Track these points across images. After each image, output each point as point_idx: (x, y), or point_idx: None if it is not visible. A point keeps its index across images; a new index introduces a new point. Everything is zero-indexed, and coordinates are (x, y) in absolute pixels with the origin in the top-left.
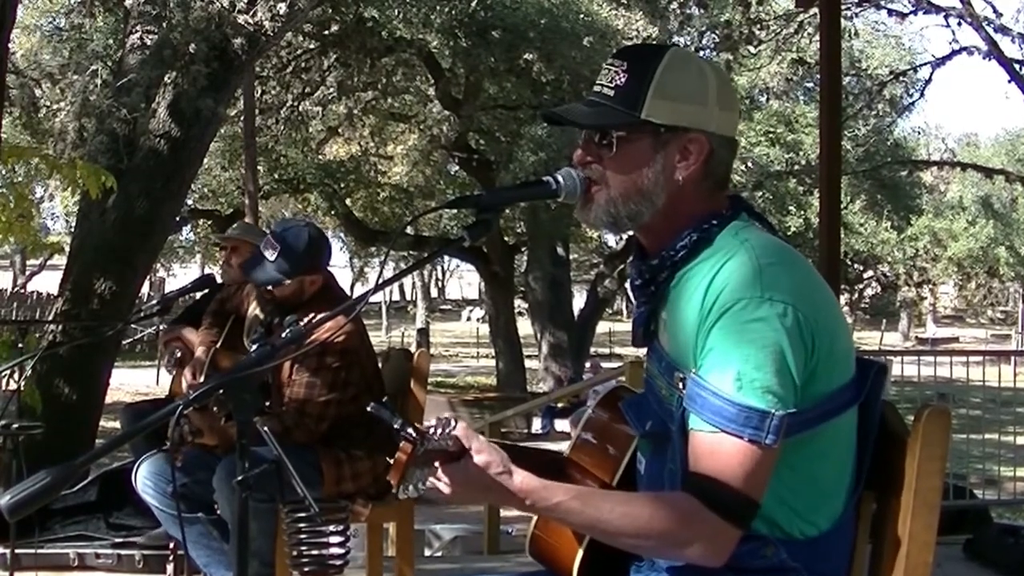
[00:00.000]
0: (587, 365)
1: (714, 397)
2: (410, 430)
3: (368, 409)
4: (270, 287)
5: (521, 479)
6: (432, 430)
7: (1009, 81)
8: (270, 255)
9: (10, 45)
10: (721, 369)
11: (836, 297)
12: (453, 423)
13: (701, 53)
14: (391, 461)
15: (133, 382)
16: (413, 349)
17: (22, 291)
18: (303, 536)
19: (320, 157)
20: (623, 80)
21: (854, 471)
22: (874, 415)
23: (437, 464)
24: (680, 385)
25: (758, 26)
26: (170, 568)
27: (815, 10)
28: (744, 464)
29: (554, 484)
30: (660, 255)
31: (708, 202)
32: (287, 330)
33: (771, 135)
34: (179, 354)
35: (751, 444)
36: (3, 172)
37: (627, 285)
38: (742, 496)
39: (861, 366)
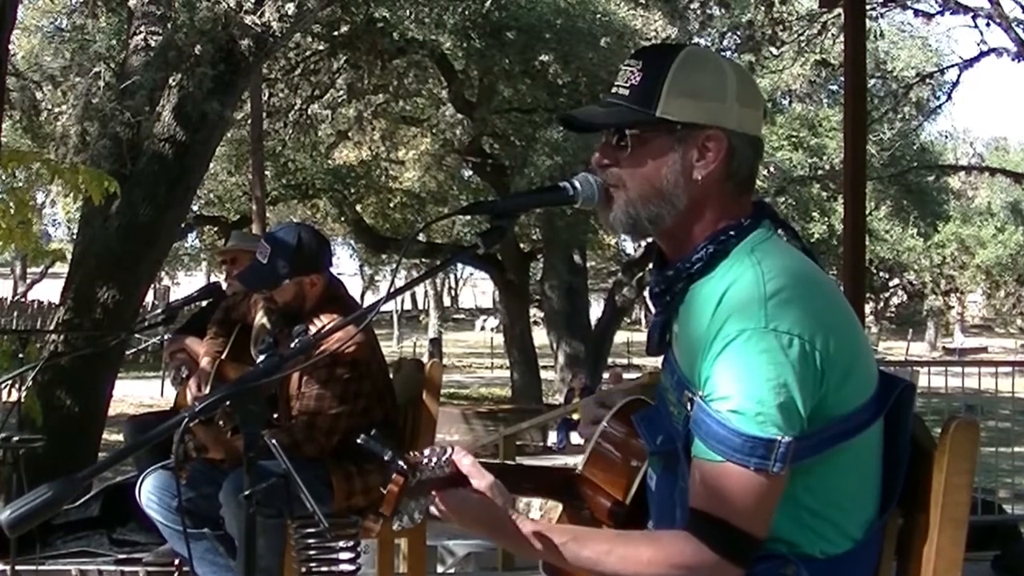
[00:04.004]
0: (605, 376)
1: (718, 426)
2: (400, 462)
3: (358, 442)
4: (267, 291)
5: (518, 522)
6: (425, 460)
7: None
8: (263, 258)
9: (10, 46)
10: (724, 400)
11: (859, 313)
12: (448, 452)
13: (722, 55)
14: (384, 491)
15: (137, 393)
16: (425, 359)
17: (23, 300)
18: (312, 552)
19: (329, 162)
20: (638, 79)
21: (883, 490)
22: (904, 434)
23: (434, 493)
24: (688, 405)
25: (781, 27)
26: None
27: (839, 10)
28: (749, 495)
29: (549, 527)
30: (676, 266)
31: (731, 206)
32: (295, 340)
33: (794, 139)
34: (185, 372)
35: (757, 473)
36: (3, 177)
37: (647, 292)
38: (744, 533)
39: (886, 383)
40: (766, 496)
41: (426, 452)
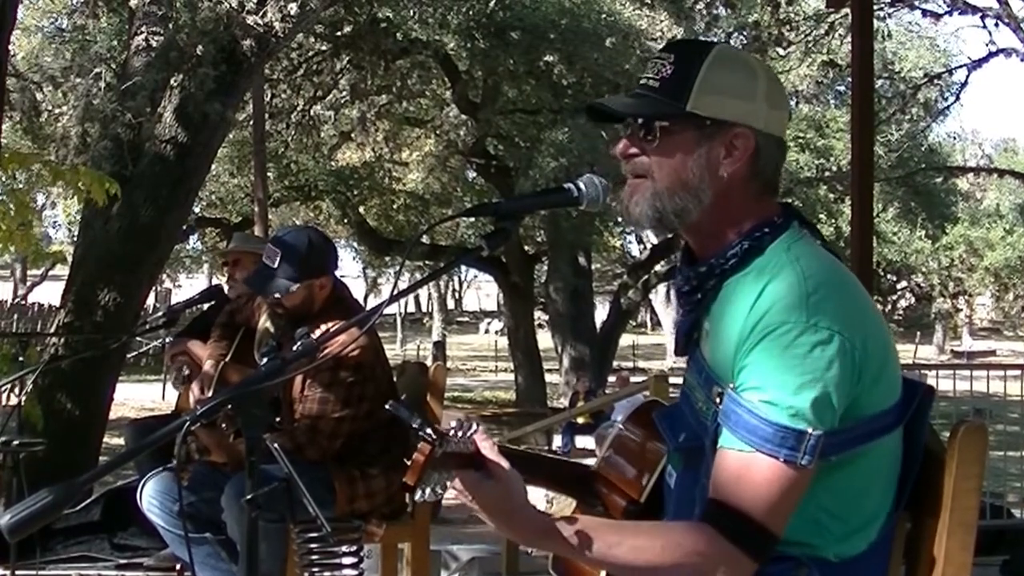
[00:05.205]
0: (611, 379)
1: (749, 416)
2: (429, 431)
3: (387, 407)
4: (278, 296)
5: (529, 511)
6: (451, 432)
7: None
8: (272, 263)
9: (10, 47)
10: (757, 391)
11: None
12: (474, 427)
13: None
14: (408, 462)
15: (138, 397)
16: (429, 362)
17: (23, 302)
18: (315, 557)
19: (332, 163)
20: (669, 72)
21: (895, 494)
22: (920, 438)
23: (453, 471)
24: (717, 400)
25: (787, 27)
26: None
27: (846, 10)
28: (773, 487)
29: (559, 518)
30: (709, 263)
31: (758, 205)
32: (298, 343)
33: (801, 140)
34: (187, 371)
35: (786, 465)
36: (3, 179)
37: (672, 291)
38: (763, 527)
39: (907, 387)
40: (790, 490)
41: (452, 424)
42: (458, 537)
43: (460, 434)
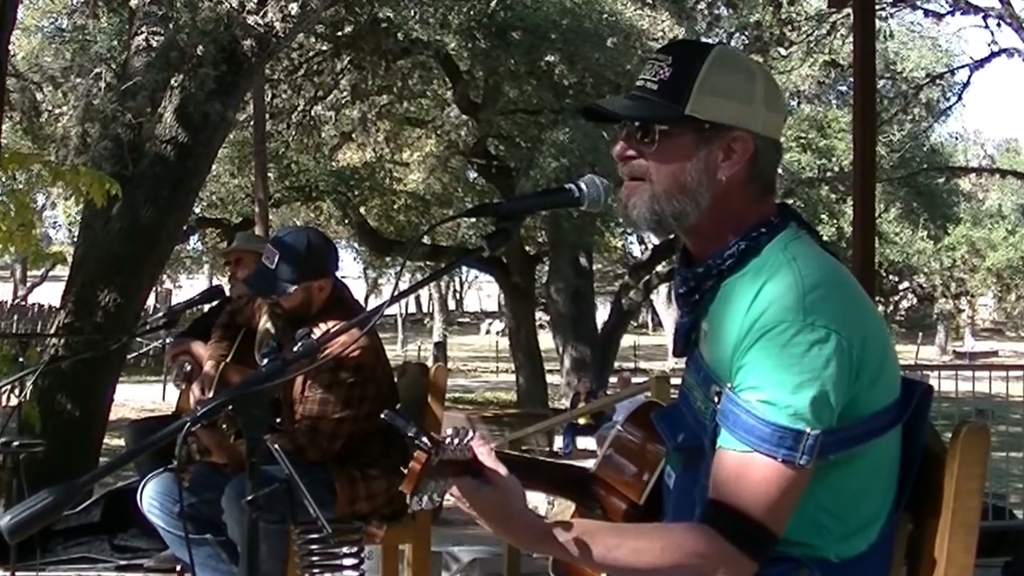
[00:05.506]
0: (612, 380)
1: (747, 415)
2: (425, 439)
3: (382, 416)
4: (275, 297)
5: (528, 516)
6: (448, 440)
7: None
8: (270, 264)
9: (10, 47)
10: (755, 391)
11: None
12: (470, 435)
13: None
14: (405, 471)
15: (138, 398)
16: (430, 363)
17: (23, 303)
18: (315, 558)
19: (333, 163)
20: (667, 74)
21: (896, 494)
22: (920, 437)
23: (451, 479)
24: (716, 399)
25: (789, 27)
26: None
27: (848, 10)
28: (772, 488)
29: (557, 522)
30: (706, 263)
31: (757, 207)
32: (299, 344)
33: (802, 140)
34: (188, 368)
35: (784, 465)
36: (3, 179)
37: (673, 293)
38: (763, 526)
39: (906, 386)
40: (789, 490)
41: (448, 431)
42: (459, 538)
43: (456, 441)
